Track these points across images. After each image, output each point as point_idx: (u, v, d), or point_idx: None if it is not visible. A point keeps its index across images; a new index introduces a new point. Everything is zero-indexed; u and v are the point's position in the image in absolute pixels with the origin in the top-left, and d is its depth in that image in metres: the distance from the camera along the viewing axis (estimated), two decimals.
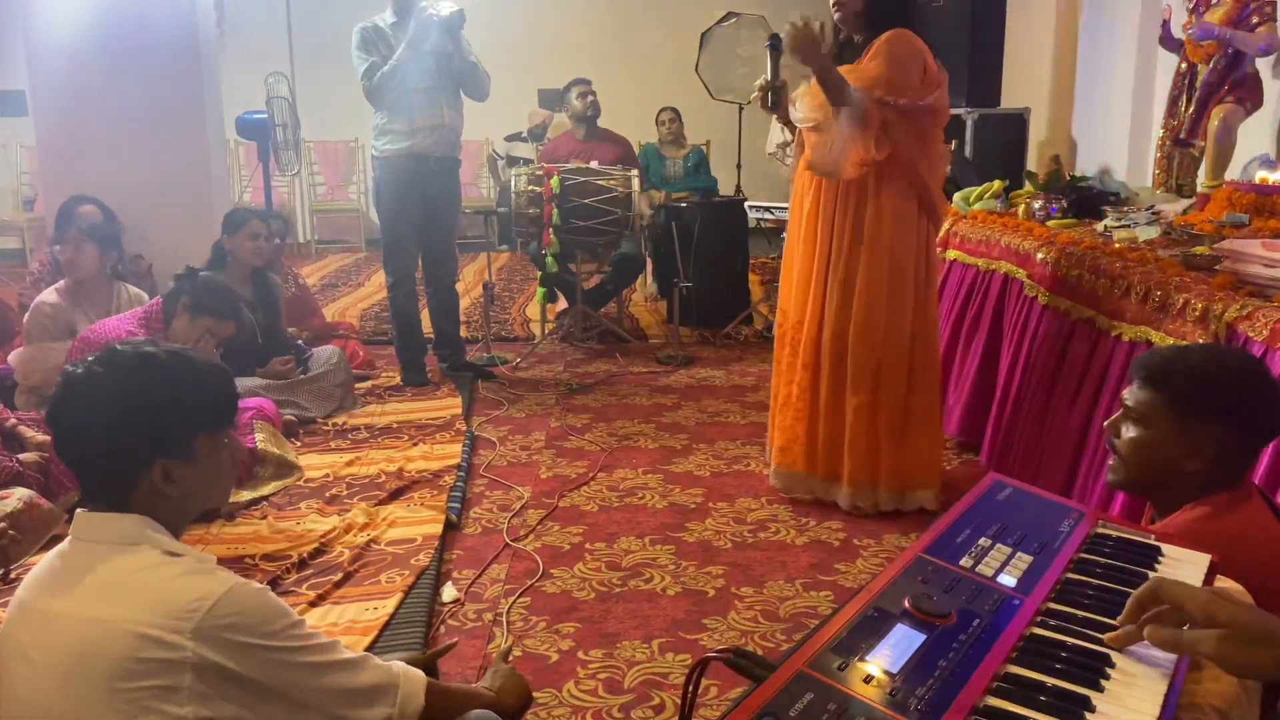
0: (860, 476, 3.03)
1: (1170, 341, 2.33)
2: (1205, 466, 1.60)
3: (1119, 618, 1.05)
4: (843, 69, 2.88)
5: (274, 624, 1.24)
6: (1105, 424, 1.75)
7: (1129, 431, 1.67)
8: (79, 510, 1.31)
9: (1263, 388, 1.64)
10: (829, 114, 2.88)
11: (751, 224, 5.70)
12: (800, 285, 3.10)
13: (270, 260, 4.44)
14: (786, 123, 3.19)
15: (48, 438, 3.08)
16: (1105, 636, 1.05)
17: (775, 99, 3.10)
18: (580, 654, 2.27)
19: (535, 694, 2.08)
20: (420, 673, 1.40)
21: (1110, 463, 1.73)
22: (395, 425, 3.95)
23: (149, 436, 1.28)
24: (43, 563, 1.32)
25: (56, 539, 2.72)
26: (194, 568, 1.26)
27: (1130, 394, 1.69)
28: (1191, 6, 4.32)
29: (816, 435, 3.08)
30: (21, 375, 3.50)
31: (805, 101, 3.01)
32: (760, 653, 1.25)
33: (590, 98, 5.61)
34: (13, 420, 3.13)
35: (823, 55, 2.81)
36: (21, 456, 2.98)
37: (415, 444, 3.70)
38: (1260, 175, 3.41)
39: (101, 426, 1.27)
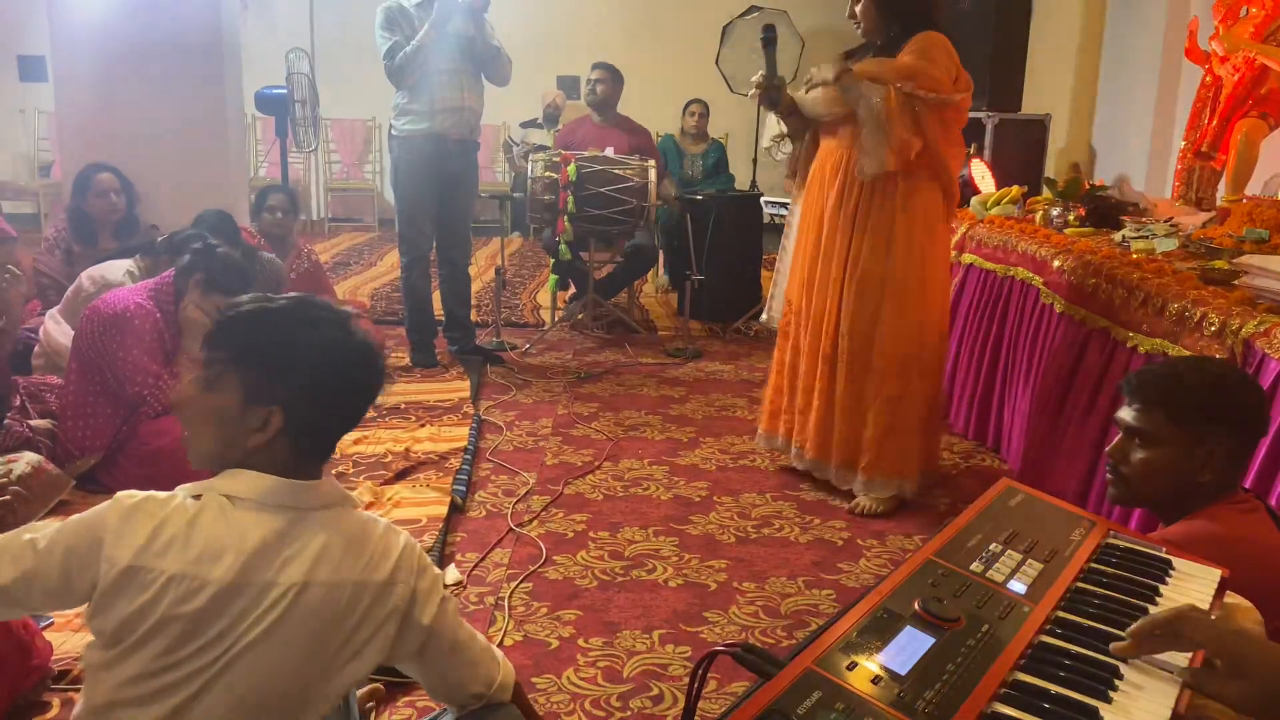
0: (880, 467, 3.03)
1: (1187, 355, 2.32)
2: (1215, 475, 1.63)
3: (1130, 628, 1.04)
4: (873, 61, 2.88)
5: (436, 574, 1.35)
6: (1107, 450, 1.74)
7: (1139, 454, 1.67)
8: (277, 480, 1.25)
9: (1251, 388, 1.71)
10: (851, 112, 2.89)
11: (766, 219, 5.68)
12: (822, 278, 3.07)
13: (281, 235, 4.45)
14: (787, 117, 3.16)
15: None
16: (1113, 646, 1.05)
17: (775, 96, 3.04)
18: (580, 641, 2.28)
19: (534, 679, 2.10)
20: (511, 667, 1.47)
21: (1110, 479, 1.73)
22: (403, 405, 3.95)
23: (256, 376, 1.26)
24: (248, 535, 1.24)
25: (63, 504, 2.76)
26: (384, 523, 1.33)
27: (1131, 416, 1.69)
28: (1219, 19, 4.30)
29: (832, 427, 3.09)
30: (52, 350, 3.44)
31: (825, 95, 2.99)
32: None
33: (599, 85, 5.51)
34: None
35: (837, 74, 2.84)
36: (32, 423, 2.98)
37: (422, 425, 3.70)
38: None
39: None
